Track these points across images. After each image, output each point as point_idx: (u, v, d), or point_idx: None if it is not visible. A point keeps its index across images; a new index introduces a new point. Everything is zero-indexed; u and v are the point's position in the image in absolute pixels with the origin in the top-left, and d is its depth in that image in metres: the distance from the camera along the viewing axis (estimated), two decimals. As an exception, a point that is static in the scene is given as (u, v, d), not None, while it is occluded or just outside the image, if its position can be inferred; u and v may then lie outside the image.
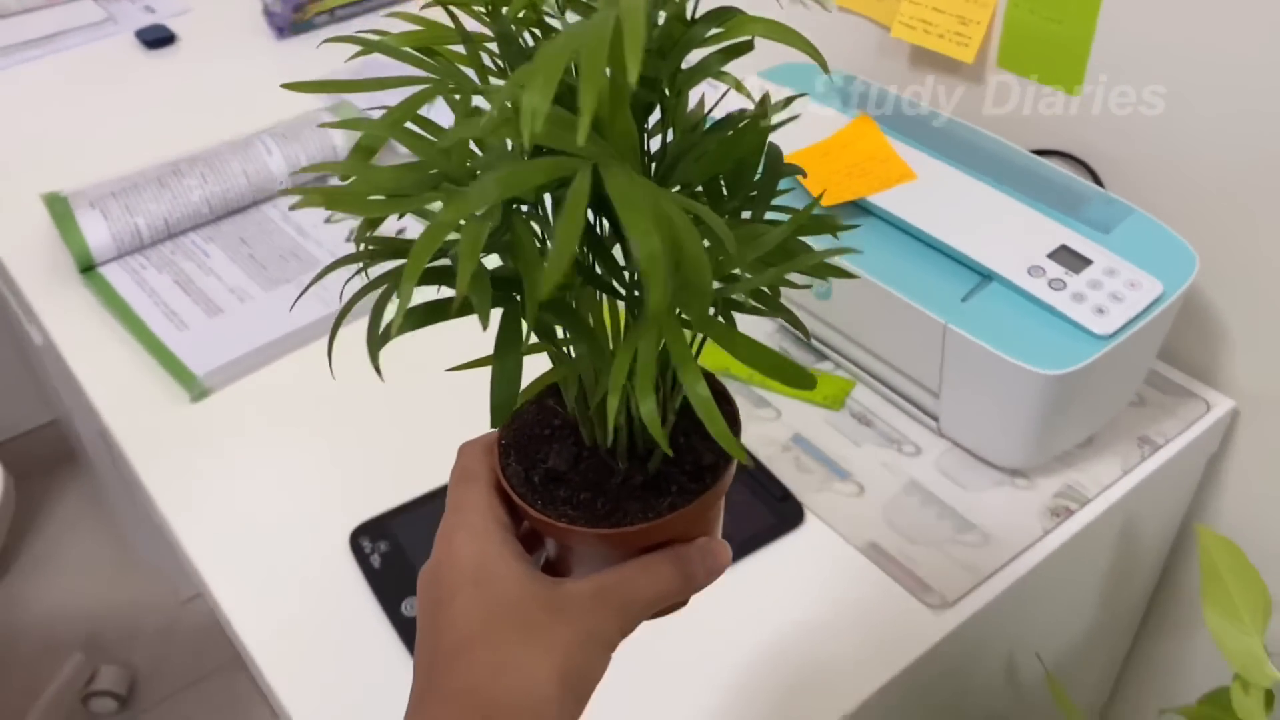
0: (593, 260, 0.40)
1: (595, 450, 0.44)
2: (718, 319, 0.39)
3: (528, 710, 0.39)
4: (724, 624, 0.70)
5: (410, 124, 0.37)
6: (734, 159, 0.40)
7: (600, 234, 0.39)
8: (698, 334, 0.39)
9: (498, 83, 0.40)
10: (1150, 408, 0.84)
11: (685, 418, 0.44)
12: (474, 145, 0.37)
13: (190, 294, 0.94)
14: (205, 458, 0.83)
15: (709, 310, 0.35)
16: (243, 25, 1.38)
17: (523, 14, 0.39)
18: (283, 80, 0.40)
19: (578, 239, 0.31)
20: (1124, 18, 0.79)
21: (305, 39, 1.34)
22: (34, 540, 1.74)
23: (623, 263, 0.39)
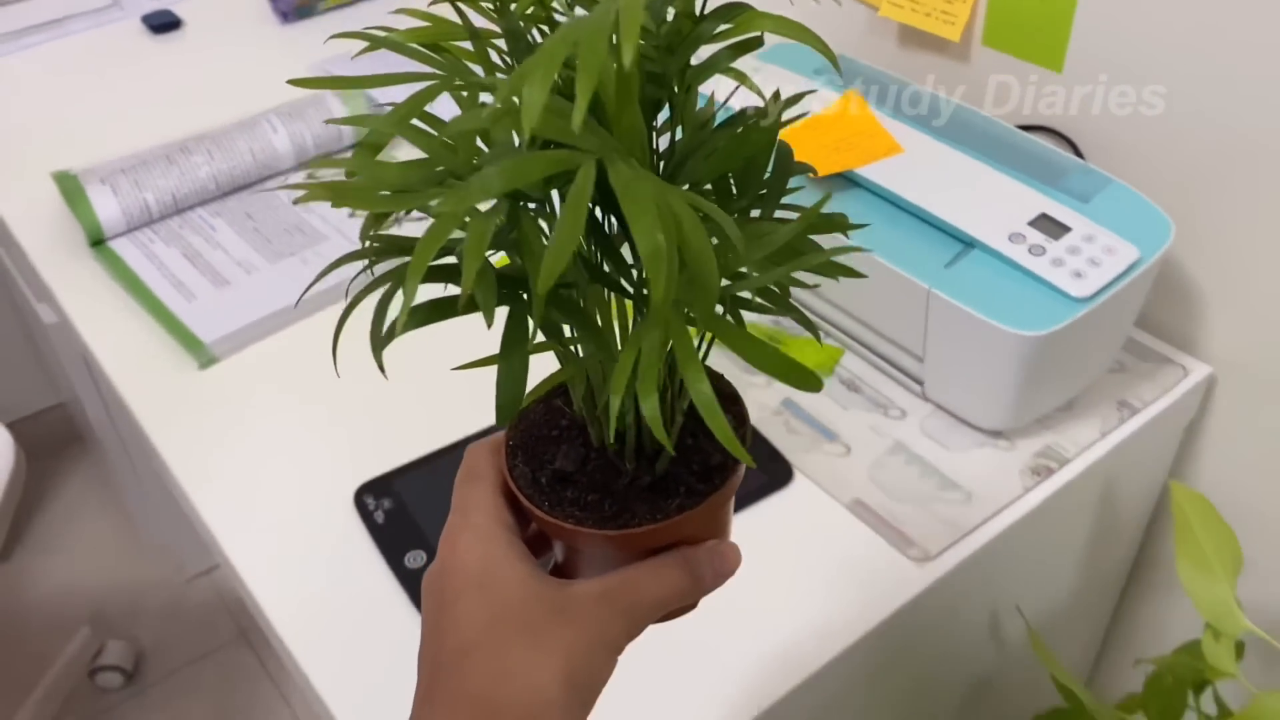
0: (600, 258, 0.39)
1: (603, 451, 0.44)
2: (726, 318, 0.39)
3: (531, 715, 0.38)
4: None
5: (417, 121, 0.37)
6: (742, 157, 0.40)
7: (608, 231, 0.39)
8: (704, 333, 0.39)
9: (505, 79, 0.39)
10: (1129, 374, 0.86)
11: (693, 419, 0.44)
12: (481, 143, 0.37)
13: (198, 266, 0.97)
14: (213, 422, 0.85)
15: (715, 308, 0.35)
16: (247, 11, 1.40)
17: (531, 10, 0.38)
18: (287, 65, 0.42)
19: (580, 232, 0.30)
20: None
21: (309, 24, 1.37)
22: (41, 520, 1.77)
23: (631, 261, 0.38)
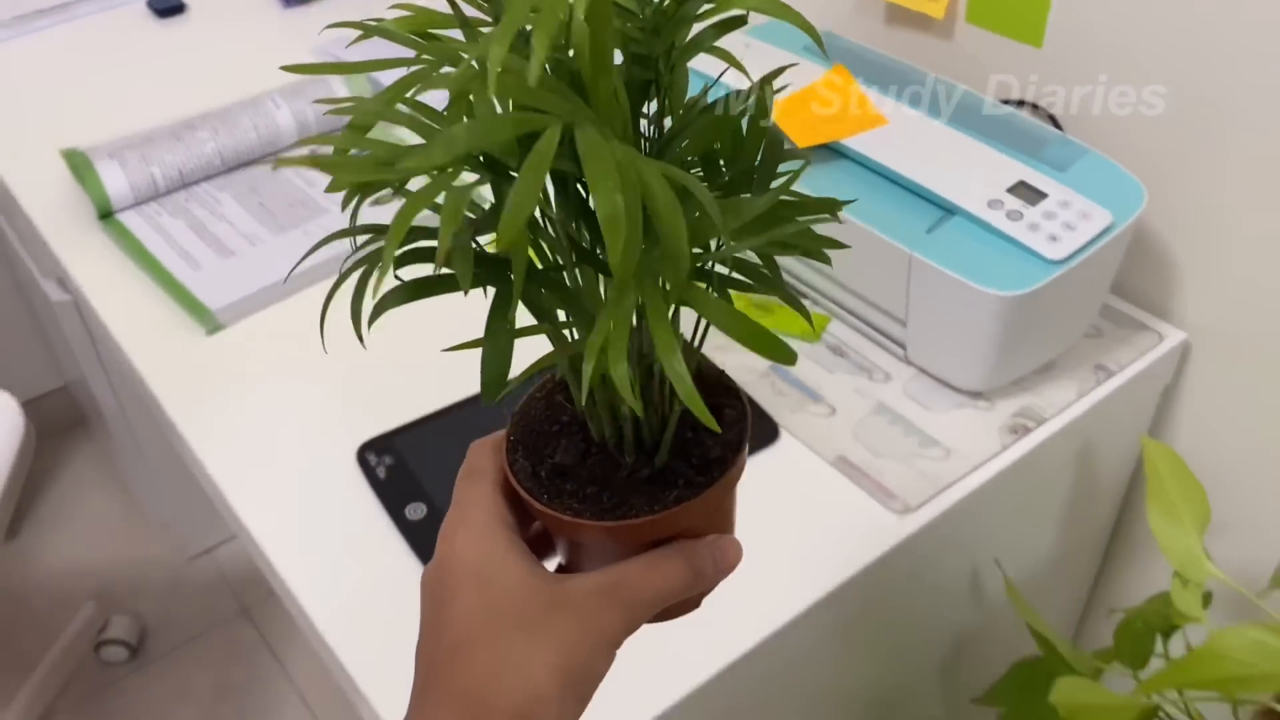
0: (592, 240, 0.39)
1: (604, 446, 0.44)
2: (709, 292, 0.39)
3: (524, 708, 0.38)
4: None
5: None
6: (721, 134, 0.40)
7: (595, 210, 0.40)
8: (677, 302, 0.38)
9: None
10: (1106, 339, 0.89)
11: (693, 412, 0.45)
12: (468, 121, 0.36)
13: (204, 238, 1.00)
14: (220, 385, 0.88)
15: (687, 277, 0.35)
16: (250, -5, 1.43)
17: None
18: (290, 48, 0.43)
19: (538, 191, 0.31)
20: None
21: (311, 9, 1.39)
22: (46, 500, 1.80)
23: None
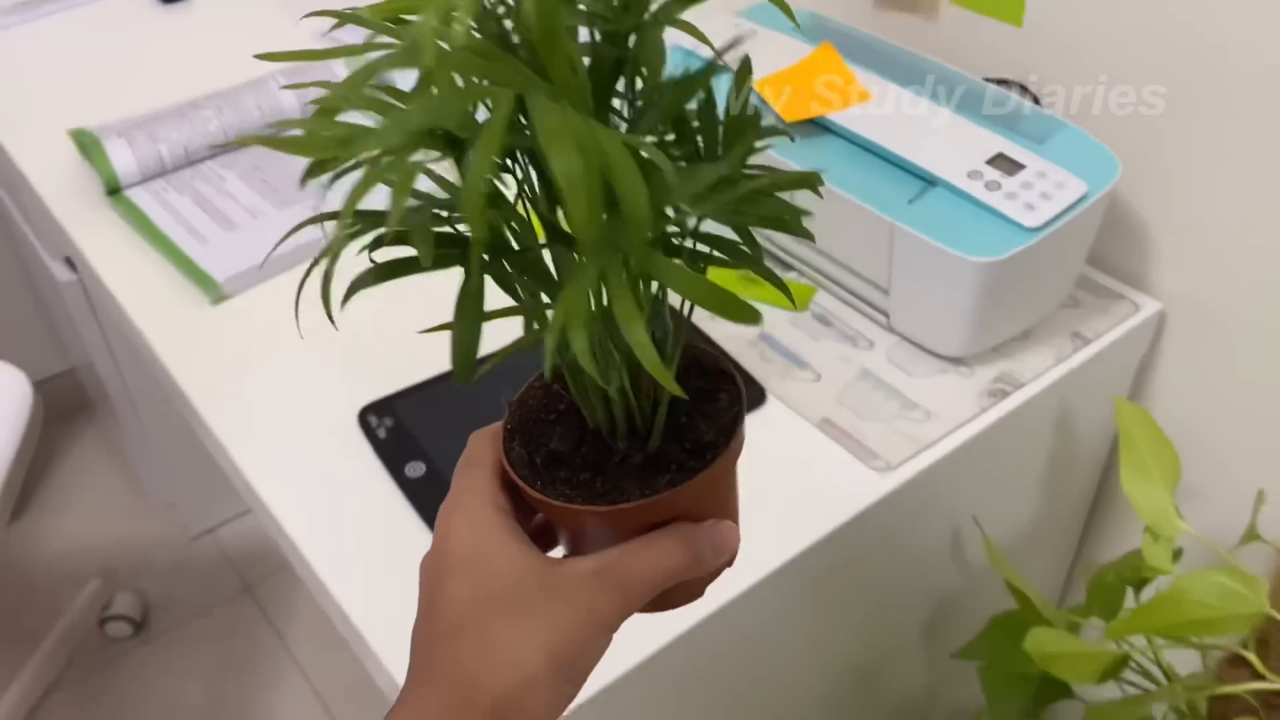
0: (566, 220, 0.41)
1: (598, 433, 0.45)
2: (676, 263, 0.38)
3: (514, 690, 0.38)
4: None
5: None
6: (689, 97, 0.40)
7: None
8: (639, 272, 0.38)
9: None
10: (1083, 309, 0.92)
11: (687, 397, 0.44)
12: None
13: (209, 212, 1.02)
14: (226, 353, 0.91)
15: (649, 244, 0.35)
16: (253, -18, 1.46)
17: None
18: (292, 33, 0.44)
19: (491, 163, 0.31)
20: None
21: (312, -5, 1.42)
22: (52, 481, 1.83)
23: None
